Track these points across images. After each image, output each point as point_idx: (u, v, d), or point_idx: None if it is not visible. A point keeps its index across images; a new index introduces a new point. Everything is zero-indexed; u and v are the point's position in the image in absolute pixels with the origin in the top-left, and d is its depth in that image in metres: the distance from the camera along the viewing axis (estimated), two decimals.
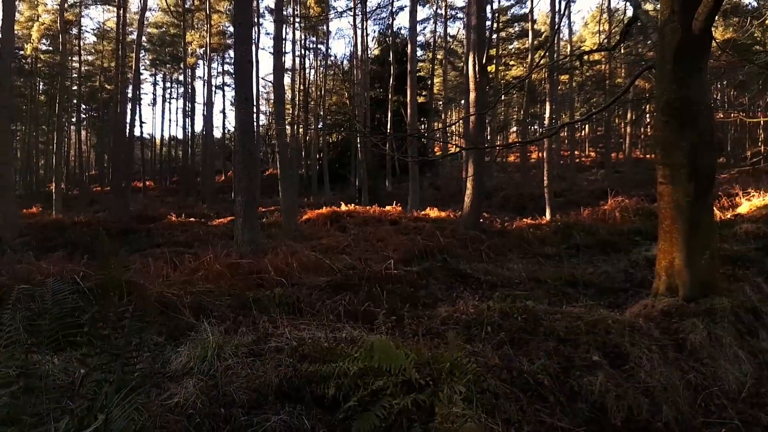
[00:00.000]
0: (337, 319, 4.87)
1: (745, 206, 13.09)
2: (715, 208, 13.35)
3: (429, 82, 42.46)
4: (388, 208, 18.26)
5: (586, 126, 58.36)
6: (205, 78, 40.63)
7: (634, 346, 3.99)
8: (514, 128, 56.08)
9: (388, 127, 30.01)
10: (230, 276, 6.52)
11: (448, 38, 43.34)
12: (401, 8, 37.92)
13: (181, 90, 49.05)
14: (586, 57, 29.45)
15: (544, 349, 3.93)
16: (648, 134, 44.81)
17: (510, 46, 45.98)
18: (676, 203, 5.36)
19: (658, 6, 5.67)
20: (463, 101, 36.21)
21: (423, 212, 17.05)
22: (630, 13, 11.31)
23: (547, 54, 17.06)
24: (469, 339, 4.21)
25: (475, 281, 7.11)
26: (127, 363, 2.91)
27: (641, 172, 32.16)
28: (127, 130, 24.90)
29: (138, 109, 40.96)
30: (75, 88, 41.64)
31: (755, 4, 31.22)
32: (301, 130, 41.93)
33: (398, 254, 8.63)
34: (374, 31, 41.20)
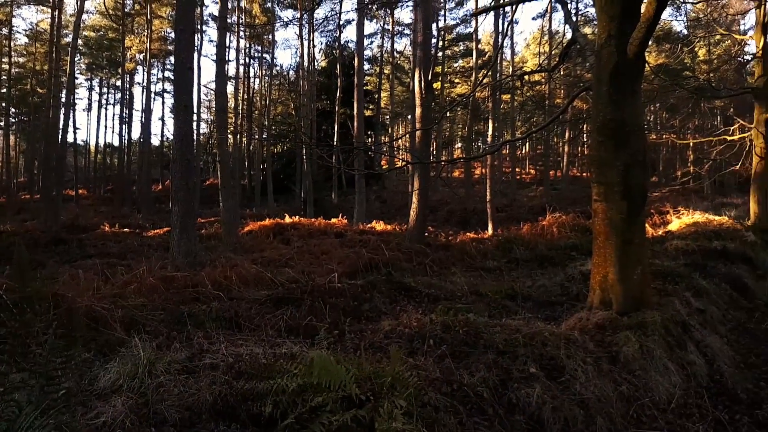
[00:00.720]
0: (278, 334, 4.77)
1: (675, 223, 13.66)
2: (647, 225, 13.96)
3: (376, 95, 42.80)
4: (333, 220, 18.17)
5: (527, 144, 60.21)
6: (144, 84, 39.55)
7: (569, 359, 4.08)
8: (459, 144, 57.22)
9: (335, 139, 29.98)
10: (164, 289, 6.26)
11: (396, 53, 43.95)
12: (348, 22, 38.01)
13: (119, 96, 47.43)
14: (526, 77, 30.42)
15: (484, 361, 3.96)
16: (585, 153, 46.60)
17: (455, 64, 47.09)
18: (610, 220, 5.56)
19: (597, 30, 5.92)
20: (410, 116, 36.70)
21: (369, 225, 17.05)
22: (569, 35, 11.76)
23: (490, 73, 17.49)
24: (411, 352, 4.21)
25: (419, 294, 7.12)
26: (49, 381, 2.74)
27: (578, 189, 33.39)
28: (60, 136, 23.81)
29: (72, 114, 39.30)
30: (4, 90, 39.52)
31: (685, 32, 33.28)
32: (244, 139, 41.28)
33: (343, 267, 8.55)
34: (321, 43, 41.28)
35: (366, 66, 44.41)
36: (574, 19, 34.90)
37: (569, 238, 13.28)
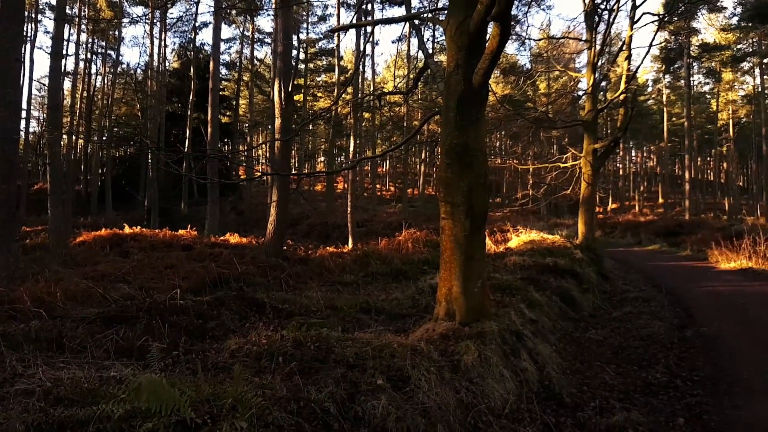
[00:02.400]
0: (107, 356, 4.33)
1: (514, 241, 14.71)
2: (490, 242, 15.00)
3: (234, 102, 41.57)
4: (181, 232, 17.14)
5: (387, 162, 62.24)
6: None
7: (415, 369, 4.19)
8: (322, 158, 57.46)
9: (187, 145, 28.50)
10: None
11: (256, 61, 43.10)
12: (205, 24, 36.58)
13: None
14: (387, 97, 31.40)
15: (334, 376, 3.93)
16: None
17: (318, 78, 47.32)
18: (455, 237, 5.87)
19: (446, 58, 6.22)
20: (270, 126, 36.11)
21: (222, 238, 16.38)
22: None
23: (351, 90, 17.79)
24: (258, 371, 4.05)
25: (273, 310, 6.92)
26: None
27: (433, 207, 35.04)
28: None
29: None
30: None
31: (529, 66, 36.65)
32: (81, 141, 37.74)
33: (188, 283, 8.08)
34: (174, 43, 39.34)
35: (224, 71, 43.16)
36: (429, 45, 36.92)
37: (422, 253, 13.78)
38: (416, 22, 7.83)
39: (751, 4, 32.00)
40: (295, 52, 17.82)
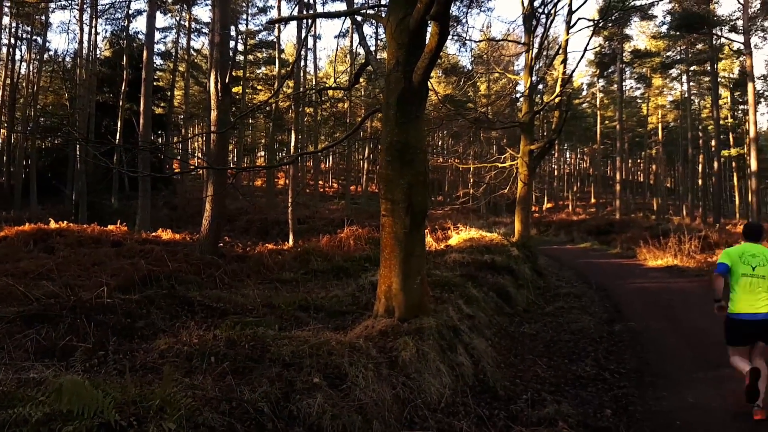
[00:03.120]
0: (26, 357, 4.08)
1: (455, 239, 14.92)
2: (432, 240, 15.16)
3: (169, 93, 40.19)
4: (111, 227, 16.37)
5: (331, 158, 61.92)
6: None
7: (352, 366, 4.17)
8: (262, 153, 56.48)
9: (118, 137, 27.33)
10: None
11: (192, 51, 41.85)
12: (139, 12, 35.18)
13: None
14: (330, 93, 31.20)
15: (268, 375, 3.87)
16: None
17: (258, 71, 46.46)
18: (395, 234, 5.88)
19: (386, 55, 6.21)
20: (207, 118, 35.19)
21: (154, 234, 15.77)
22: None
23: (291, 84, 17.53)
24: (189, 372, 3.94)
25: (206, 309, 6.72)
26: None
27: (375, 204, 34.97)
28: None
29: None
30: None
31: (470, 67, 37.30)
32: (4, 131, 35.55)
33: (117, 280, 7.73)
34: (106, 31, 37.82)
35: (158, 61, 41.71)
36: (372, 42, 36.95)
37: (364, 250, 13.77)
38: (358, 18, 7.79)
39: (679, 14, 33.78)
40: (233, 43, 17.45)
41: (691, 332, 7.99)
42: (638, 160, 74.53)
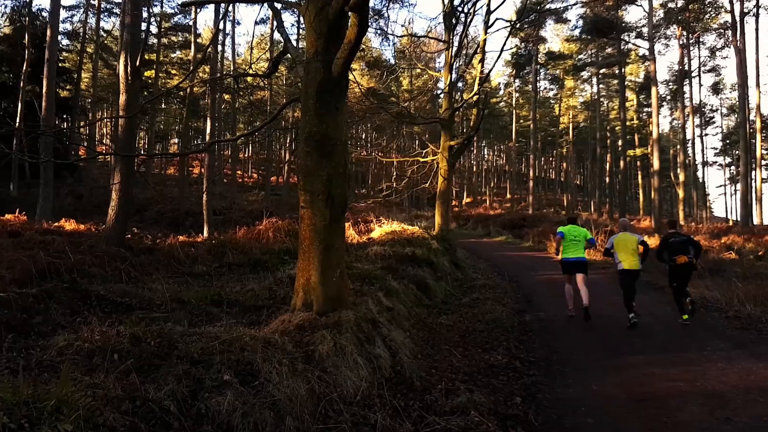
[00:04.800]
0: None
1: (377, 232, 14.96)
2: (354, 233, 15.14)
3: (76, 75, 37.65)
4: (8, 216, 15.15)
5: (250, 148, 60.47)
6: None
7: (266, 362, 4.06)
8: (176, 140, 54.21)
9: (18, 120, 25.29)
10: None
11: (102, 32, 39.42)
12: None
13: None
14: (250, 81, 30.35)
15: (176, 373, 3.72)
16: None
17: (173, 55, 44.50)
18: (314, 226, 5.79)
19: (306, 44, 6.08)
20: (116, 102, 33.22)
21: (56, 224, 14.72)
22: None
23: (208, 70, 16.88)
24: (90, 370, 3.71)
25: (110, 304, 6.36)
26: None
27: (296, 195, 34.38)
28: None
29: None
30: None
31: (393, 61, 37.49)
32: None
33: (13, 273, 7.12)
34: (5, 6, 34.71)
35: (65, 41, 39.00)
36: (294, 30, 36.35)
37: (284, 242, 13.50)
38: (277, 4, 7.59)
39: (590, 18, 35.59)
40: (145, 24, 16.50)
41: (596, 321, 8.45)
42: (550, 158, 78.21)
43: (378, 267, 9.59)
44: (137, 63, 11.38)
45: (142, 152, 36.00)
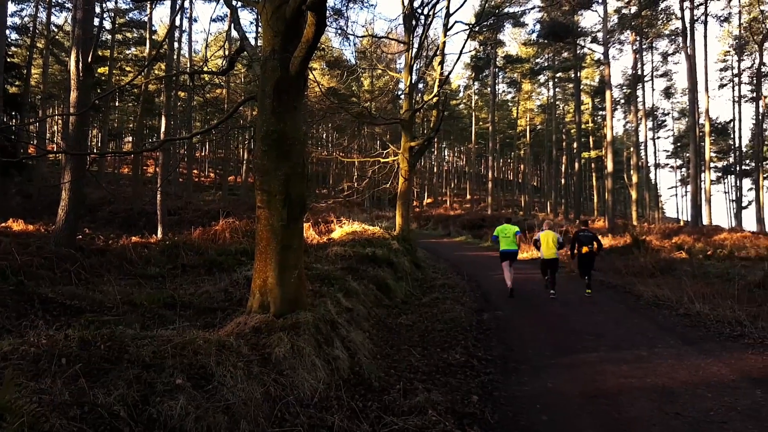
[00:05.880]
0: None
1: (338, 232, 14.91)
2: (314, 233, 15.04)
3: (25, 71, 36.18)
4: None
5: (207, 146, 59.38)
6: None
7: (220, 365, 3.98)
8: (130, 138, 52.79)
9: None
10: None
11: (53, 27, 38.08)
12: None
13: None
14: (207, 78, 29.81)
15: (126, 377, 3.62)
16: None
17: (128, 52, 43.34)
18: (271, 226, 5.70)
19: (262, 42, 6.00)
20: (67, 99, 32.05)
21: (4, 224, 14.12)
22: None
23: (164, 67, 16.49)
24: (36, 375, 3.57)
25: (59, 307, 6.16)
26: None
27: (255, 195, 34.08)
28: None
29: None
30: None
31: (354, 62, 37.43)
32: None
33: None
34: None
35: (14, 36, 37.45)
36: (252, 28, 35.85)
37: (241, 243, 13.30)
38: (234, 2, 7.46)
39: (547, 23, 36.35)
40: (98, 20, 16.03)
41: (551, 319, 8.64)
42: (509, 160, 79.63)
43: (338, 268, 9.56)
44: (89, 59, 11.02)
45: (95, 151, 34.92)
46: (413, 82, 19.09)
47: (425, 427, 4.10)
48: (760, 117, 40.77)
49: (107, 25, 34.12)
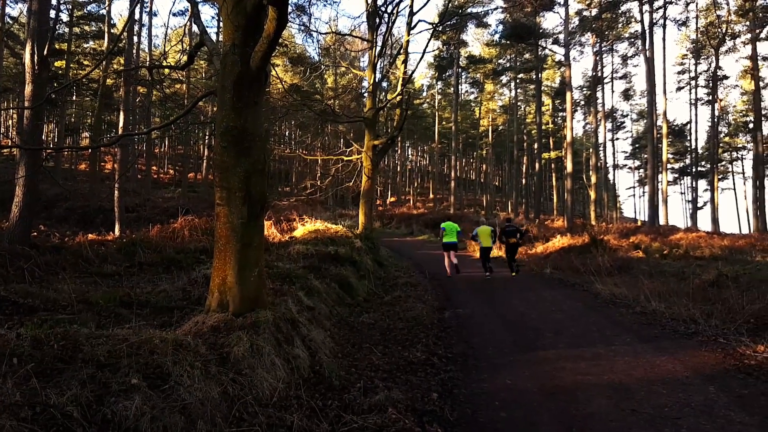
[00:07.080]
0: None
1: (300, 230, 14.79)
2: (276, 231, 14.91)
3: None
4: None
5: (166, 143, 58.13)
6: None
7: (176, 365, 3.94)
8: (87, 134, 51.23)
9: None
10: None
11: (8, 19, 36.69)
12: None
13: None
14: (167, 73, 29.17)
15: (80, 377, 3.55)
16: None
17: (86, 45, 42.08)
18: (231, 224, 5.64)
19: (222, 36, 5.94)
20: (22, 93, 30.93)
21: None
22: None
23: (122, 61, 16.09)
24: None
25: (11, 305, 5.97)
26: None
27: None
28: None
29: None
30: None
31: (317, 59, 37.27)
32: None
33: None
34: None
35: None
36: (214, 23, 35.27)
37: (200, 241, 13.10)
38: None
39: (509, 23, 36.87)
40: (54, 12, 15.48)
41: (511, 317, 8.81)
42: (471, 160, 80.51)
43: (300, 266, 9.52)
44: (45, 52, 10.68)
45: (51, 146, 33.81)
46: (377, 80, 19.16)
47: (385, 425, 4.11)
48: (716, 120, 42.41)
49: (64, 17, 33.01)
